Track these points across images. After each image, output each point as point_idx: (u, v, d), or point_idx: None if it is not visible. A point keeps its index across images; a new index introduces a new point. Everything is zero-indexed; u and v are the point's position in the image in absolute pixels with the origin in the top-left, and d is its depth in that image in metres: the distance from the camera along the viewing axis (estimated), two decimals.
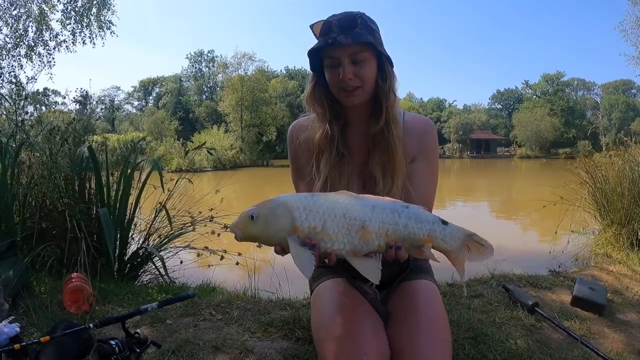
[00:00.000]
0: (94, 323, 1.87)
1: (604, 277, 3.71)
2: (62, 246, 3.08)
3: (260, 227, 1.25)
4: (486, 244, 1.37)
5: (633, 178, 4.93)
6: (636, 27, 21.40)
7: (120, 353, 1.83)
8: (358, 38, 1.60)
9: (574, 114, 70.57)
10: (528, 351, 2.25)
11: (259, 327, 2.27)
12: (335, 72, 1.65)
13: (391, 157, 1.73)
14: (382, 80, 1.70)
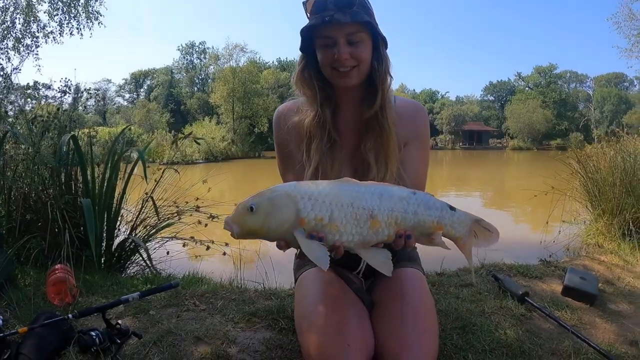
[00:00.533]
0: (73, 314, 1.86)
1: (596, 267, 3.70)
2: (46, 238, 3.05)
3: (261, 220, 1.16)
4: (492, 228, 1.38)
5: (625, 168, 4.95)
6: (629, 19, 21.46)
7: (100, 344, 1.82)
8: (356, 17, 1.53)
9: (566, 106, 71.07)
10: (517, 341, 2.22)
11: (242, 317, 2.24)
12: (330, 52, 1.58)
13: (385, 142, 1.67)
14: (377, 62, 1.64)
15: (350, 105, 1.74)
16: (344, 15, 1.51)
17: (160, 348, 1.91)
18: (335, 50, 1.55)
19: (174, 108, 67.45)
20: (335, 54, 1.55)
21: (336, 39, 1.55)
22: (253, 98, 48.28)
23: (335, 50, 1.55)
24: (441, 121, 69.99)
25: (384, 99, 1.67)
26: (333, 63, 1.58)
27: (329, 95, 1.70)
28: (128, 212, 3.73)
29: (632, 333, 2.51)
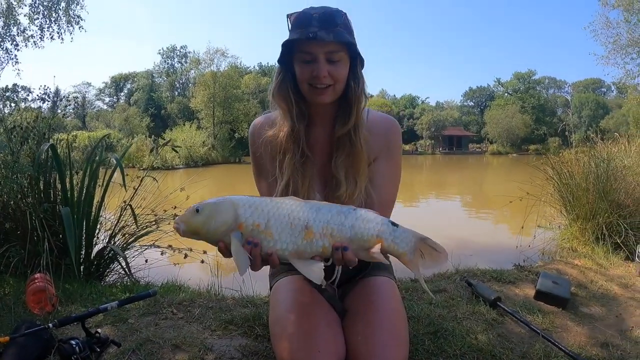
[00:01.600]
0: (53, 323, 1.88)
1: (569, 270, 3.79)
2: (26, 247, 3.04)
3: (203, 219, 1.24)
4: (440, 248, 1.34)
5: (598, 174, 5.07)
6: (605, 27, 21.93)
7: (80, 352, 1.83)
8: (339, 37, 1.55)
9: (545, 112, 72.19)
10: (488, 345, 2.28)
11: (219, 325, 2.29)
12: (309, 68, 1.59)
13: (355, 160, 1.69)
14: (354, 82, 1.66)
15: (323, 122, 1.76)
16: (327, 33, 1.53)
17: (139, 356, 1.95)
18: (315, 67, 1.57)
19: (154, 112, 66.87)
20: (314, 70, 1.57)
21: (316, 56, 1.56)
22: (234, 103, 48.30)
23: (315, 67, 1.57)
24: (421, 126, 70.55)
25: (358, 119, 1.68)
26: (311, 79, 1.59)
27: (304, 111, 1.71)
28: (107, 220, 3.73)
29: (603, 335, 2.60)
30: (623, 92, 23.97)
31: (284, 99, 1.68)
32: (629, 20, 21.25)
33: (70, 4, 14.16)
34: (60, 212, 3.17)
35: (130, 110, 59.42)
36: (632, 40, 21.25)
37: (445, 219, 10.34)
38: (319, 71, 1.56)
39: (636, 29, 21.28)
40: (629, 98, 23.37)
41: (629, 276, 3.77)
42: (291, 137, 1.69)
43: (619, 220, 4.64)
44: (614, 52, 21.77)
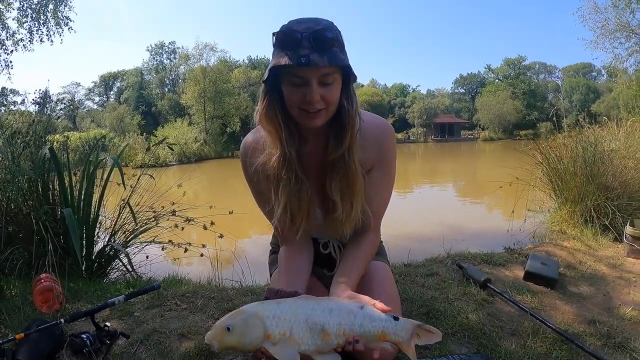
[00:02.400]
0: (64, 318, 1.96)
1: (558, 252, 3.86)
2: (29, 249, 3.10)
3: (237, 338, 1.33)
4: (434, 330, 1.44)
5: (585, 158, 5.15)
6: (594, 12, 22.15)
7: (91, 345, 1.93)
8: (334, 60, 1.44)
9: (536, 97, 72.40)
10: (479, 324, 2.38)
11: (222, 313, 2.36)
12: (299, 92, 1.47)
13: (351, 182, 1.65)
14: (347, 101, 1.56)
15: (315, 141, 1.68)
16: (321, 57, 1.41)
17: (147, 346, 2.04)
18: (307, 91, 1.46)
19: (144, 110, 66.57)
20: (306, 95, 1.46)
21: (308, 80, 1.45)
22: (224, 97, 48.15)
23: (307, 91, 1.46)
24: (413, 115, 70.63)
25: (352, 141, 1.59)
26: (302, 104, 1.49)
27: (294, 133, 1.62)
28: (106, 219, 3.79)
29: (590, 313, 2.67)
30: (613, 76, 24.11)
31: (272, 123, 1.58)
32: (616, 5, 21.46)
33: (58, 6, 14.13)
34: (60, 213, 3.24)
35: (121, 109, 59.21)
36: (620, 25, 21.50)
37: (438, 206, 10.51)
38: (311, 96, 1.46)
39: (624, 14, 21.55)
40: (618, 82, 23.55)
41: (618, 256, 3.85)
42: (283, 163, 1.62)
43: (607, 203, 4.72)
44: (603, 36, 22.04)
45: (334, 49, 1.45)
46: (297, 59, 1.40)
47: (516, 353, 2.12)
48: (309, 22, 1.46)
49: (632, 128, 6.59)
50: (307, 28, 1.43)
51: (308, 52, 1.40)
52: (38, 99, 4.37)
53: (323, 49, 1.42)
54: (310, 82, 1.44)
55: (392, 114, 73.89)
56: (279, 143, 1.59)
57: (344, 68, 1.50)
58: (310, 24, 1.45)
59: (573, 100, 69.55)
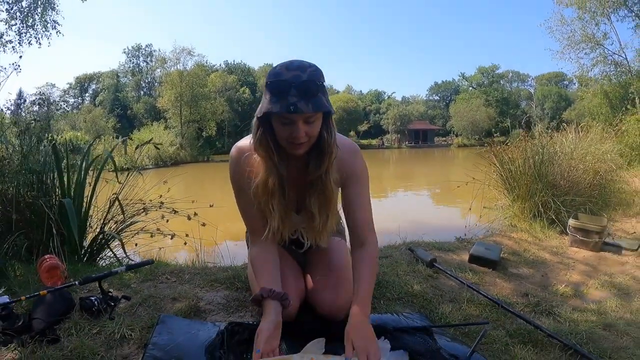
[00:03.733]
0: (78, 281, 2.35)
1: (505, 242, 4.30)
2: (30, 235, 3.39)
3: None
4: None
5: (535, 159, 5.72)
6: (560, 24, 22.84)
7: (100, 305, 2.29)
8: (318, 107, 1.68)
9: (509, 105, 73.32)
10: (422, 293, 2.77)
11: (206, 283, 2.76)
12: (287, 129, 1.73)
13: (327, 198, 1.96)
14: (327, 133, 1.82)
15: (298, 165, 1.96)
16: (307, 104, 1.65)
17: (145, 307, 2.40)
18: (293, 129, 1.72)
19: (120, 113, 65.85)
20: (293, 132, 1.72)
21: (295, 121, 1.70)
22: (201, 102, 47.86)
23: (293, 129, 1.72)
24: (387, 121, 71.16)
25: (329, 166, 1.89)
26: (289, 138, 1.75)
27: (283, 157, 1.89)
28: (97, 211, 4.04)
29: (525, 288, 3.10)
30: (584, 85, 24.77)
31: (266, 150, 1.85)
32: (582, 18, 22.16)
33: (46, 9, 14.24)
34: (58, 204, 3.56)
35: (96, 111, 58.63)
36: (586, 36, 22.14)
37: (406, 206, 11.04)
38: (297, 134, 1.72)
39: (589, 26, 22.20)
40: (582, 90, 24.31)
41: (562, 246, 4.34)
42: (279, 183, 1.93)
43: (553, 199, 5.25)
44: (569, 47, 22.70)
45: (318, 96, 1.69)
46: (286, 107, 1.64)
47: (452, 313, 2.51)
48: (296, 70, 1.69)
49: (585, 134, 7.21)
50: (295, 77, 1.66)
51: (296, 100, 1.64)
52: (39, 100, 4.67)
53: (308, 96, 1.66)
54: (296, 123, 1.71)
55: (367, 120, 74.33)
56: (274, 167, 1.88)
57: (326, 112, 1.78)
58: (298, 71, 1.68)
59: (545, 108, 70.56)
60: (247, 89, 62.41)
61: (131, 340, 2.06)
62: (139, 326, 2.15)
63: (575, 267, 3.81)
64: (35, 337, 2.01)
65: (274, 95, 1.69)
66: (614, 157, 7.41)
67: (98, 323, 2.19)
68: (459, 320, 2.45)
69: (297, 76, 1.67)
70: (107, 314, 2.29)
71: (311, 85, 1.67)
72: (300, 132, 1.72)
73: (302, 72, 1.69)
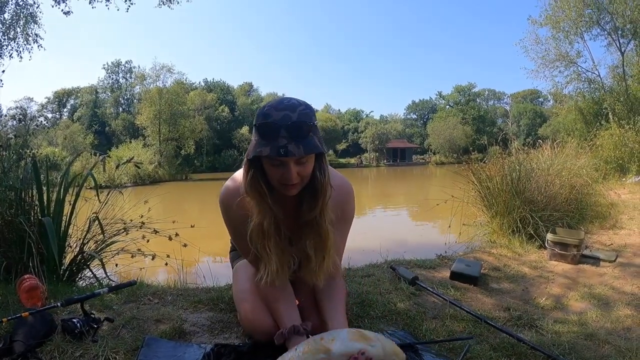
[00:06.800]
0: (60, 302, 2.32)
1: (485, 257, 4.34)
2: (8, 254, 3.31)
3: None
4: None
5: (512, 176, 5.80)
6: (535, 44, 23.27)
7: (82, 328, 2.23)
8: (309, 149, 1.62)
9: (485, 122, 74.22)
10: (406, 310, 2.78)
11: (190, 305, 2.73)
12: (278, 171, 1.69)
13: (323, 239, 1.89)
14: (320, 173, 1.77)
15: (292, 205, 1.92)
16: (297, 147, 1.59)
17: (128, 329, 2.36)
18: (285, 171, 1.68)
19: (98, 129, 65.53)
20: (285, 173, 1.68)
21: (287, 163, 1.66)
22: (180, 120, 47.70)
23: (285, 171, 1.68)
24: (365, 139, 71.41)
25: (324, 206, 1.83)
26: (281, 179, 1.71)
27: (277, 198, 1.84)
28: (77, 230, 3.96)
29: (507, 303, 3.13)
30: (558, 102, 25.24)
31: (258, 192, 1.79)
32: (556, 38, 22.61)
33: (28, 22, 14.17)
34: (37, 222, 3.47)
35: (74, 127, 58.08)
36: (560, 55, 22.51)
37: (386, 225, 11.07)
38: (289, 175, 1.68)
39: (563, 45, 22.61)
40: (556, 107, 24.77)
41: (541, 260, 4.39)
42: (274, 225, 1.87)
43: (531, 214, 5.32)
44: (543, 66, 23.04)
45: (310, 137, 1.64)
46: (276, 151, 1.59)
47: (436, 330, 2.52)
48: (286, 110, 1.64)
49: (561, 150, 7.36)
50: (285, 117, 1.62)
51: (286, 142, 1.59)
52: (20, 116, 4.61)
53: (299, 138, 1.61)
54: (288, 164, 1.66)
55: (345, 139, 74.64)
56: (268, 209, 1.82)
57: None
58: (287, 111, 1.64)
59: (521, 125, 72.00)
60: (226, 107, 62.53)
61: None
62: (123, 349, 2.11)
63: (555, 280, 3.86)
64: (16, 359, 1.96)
65: (264, 137, 1.64)
66: (589, 171, 7.60)
67: (81, 346, 2.15)
68: (443, 336, 2.46)
69: (286, 117, 1.62)
70: (90, 336, 2.25)
71: (302, 126, 1.63)
72: (292, 173, 1.68)
73: (292, 112, 1.64)
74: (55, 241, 3.28)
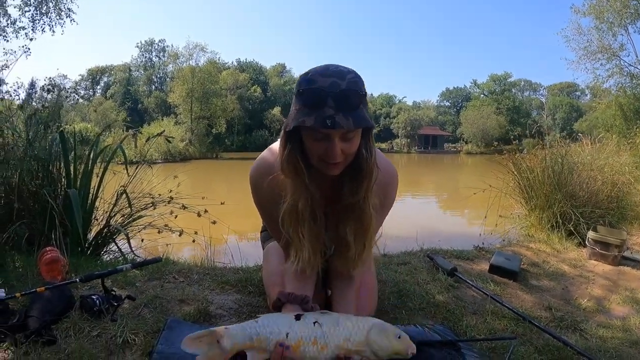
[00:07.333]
0: (79, 278, 2.19)
1: (524, 252, 4.13)
2: (31, 226, 3.24)
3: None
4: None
5: (554, 168, 5.49)
6: (577, 34, 22.55)
7: (101, 305, 2.11)
8: (360, 122, 1.43)
9: (520, 113, 72.67)
10: (444, 303, 2.63)
11: (216, 285, 2.61)
12: (320, 146, 1.49)
13: (365, 225, 1.70)
14: (367, 151, 1.57)
15: (331, 186, 1.71)
16: (346, 119, 1.40)
17: (150, 309, 2.24)
18: (328, 147, 1.47)
19: (131, 106, 66.24)
20: (328, 150, 1.48)
21: (331, 137, 1.46)
22: (212, 98, 47.95)
23: (328, 146, 1.47)
24: (397, 125, 70.95)
25: (368, 190, 1.63)
26: (323, 156, 1.51)
27: (315, 177, 1.62)
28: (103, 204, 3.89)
29: (547, 302, 2.93)
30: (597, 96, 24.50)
31: (295, 169, 1.59)
32: (599, 28, 21.89)
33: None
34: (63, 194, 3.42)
35: (107, 104, 58.77)
36: (602, 47, 21.81)
37: (416, 212, 10.84)
38: (333, 152, 1.48)
39: (606, 36, 21.88)
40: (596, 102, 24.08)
41: (580, 259, 4.13)
42: (309, 207, 1.66)
43: (572, 210, 5.03)
44: (585, 57, 22.34)
45: (359, 109, 1.44)
46: (322, 122, 1.39)
47: (477, 327, 2.36)
48: (334, 76, 1.44)
49: (603, 145, 7.01)
50: (332, 85, 1.42)
51: (333, 112, 1.39)
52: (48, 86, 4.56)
53: (348, 109, 1.41)
54: (332, 139, 1.46)
55: (377, 124, 74.24)
56: (304, 189, 1.62)
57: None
58: (335, 78, 1.43)
59: (556, 119, 70.38)
60: (258, 88, 62.45)
61: (134, 345, 1.89)
62: (144, 330, 1.99)
63: (595, 280, 3.64)
64: (30, 336, 1.85)
65: (307, 106, 1.43)
66: (631, 169, 7.24)
67: (99, 324, 2.03)
68: (484, 333, 2.31)
69: (334, 84, 1.42)
70: (109, 314, 2.13)
71: (352, 95, 1.43)
72: (337, 150, 1.47)
73: (341, 79, 1.44)
74: (80, 213, 3.20)
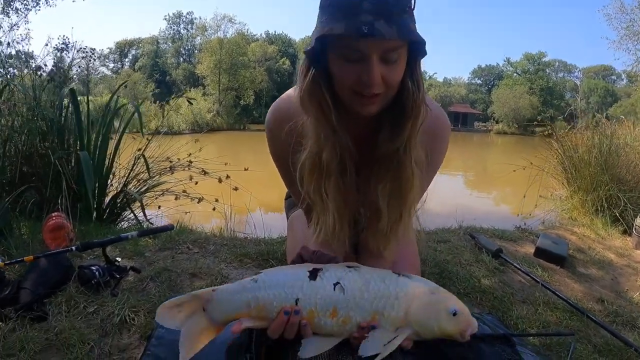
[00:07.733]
0: (76, 246, 1.95)
1: (568, 236, 3.88)
2: (41, 190, 3.08)
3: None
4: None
5: (601, 148, 5.14)
6: (620, 12, 21.83)
7: (100, 277, 1.89)
8: (406, 33, 1.05)
9: (553, 95, 71.02)
10: (491, 288, 2.39)
11: (234, 258, 2.39)
12: (353, 70, 1.09)
13: (404, 187, 1.28)
14: (412, 84, 1.17)
15: (365, 130, 1.31)
16: (389, 27, 1.01)
17: (156, 282, 2.02)
18: (364, 70, 1.08)
19: (159, 79, 66.56)
20: (364, 74, 1.08)
21: (368, 55, 1.06)
22: (240, 70, 48.06)
23: (364, 69, 1.08)
24: None
25: (412, 137, 1.22)
26: (356, 85, 1.11)
27: (344, 119, 1.23)
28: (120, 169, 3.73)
29: (598, 292, 2.70)
30: (633, 81, 23.85)
31: (318, 104, 1.19)
32: None
33: None
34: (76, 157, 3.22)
35: (135, 76, 59.09)
36: None
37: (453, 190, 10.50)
38: (370, 76, 1.08)
39: None
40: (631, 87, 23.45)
41: (626, 248, 3.89)
42: (336, 156, 1.25)
43: (619, 194, 4.70)
44: (627, 37, 21.83)
45: (405, 17, 1.05)
46: (356, 29, 1.01)
47: (528, 318, 2.13)
48: None
49: None
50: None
51: (372, 18, 1.00)
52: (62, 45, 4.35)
53: (391, 16, 1.02)
54: (370, 58, 1.06)
55: None
56: (330, 132, 1.22)
57: (414, 43, 1.12)
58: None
59: (590, 102, 68.61)
60: (287, 60, 62.26)
61: (133, 326, 1.66)
62: (145, 309, 1.75)
63: None
64: (19, 310, 1.66)
65: (336, 12, 1.04)
66: None
67: (97, 299, 1.82)
68: (537, 326, 2.08)
69: None
70: (110, 288, 1.91)
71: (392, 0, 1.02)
72: (375, 74, 1.06)
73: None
74: (92, 177, 2.98)
